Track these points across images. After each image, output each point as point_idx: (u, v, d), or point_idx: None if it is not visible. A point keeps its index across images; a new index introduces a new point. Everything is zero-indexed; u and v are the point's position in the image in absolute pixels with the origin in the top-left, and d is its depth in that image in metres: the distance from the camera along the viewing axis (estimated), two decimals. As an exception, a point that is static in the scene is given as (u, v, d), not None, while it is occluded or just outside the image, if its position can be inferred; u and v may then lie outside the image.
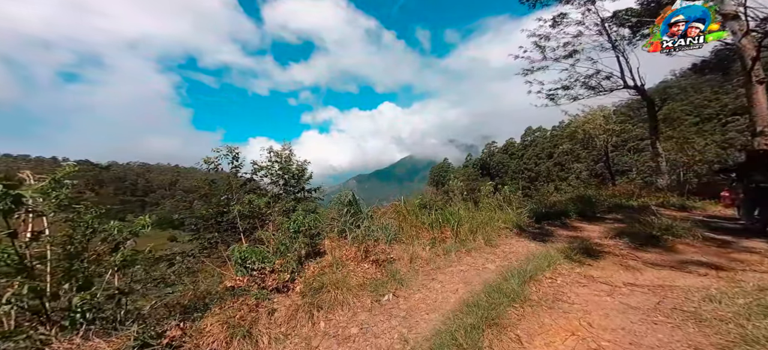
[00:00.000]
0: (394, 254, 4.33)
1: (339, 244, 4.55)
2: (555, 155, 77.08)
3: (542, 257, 4.06)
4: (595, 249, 4.37)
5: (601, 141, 23.48)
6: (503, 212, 6.47)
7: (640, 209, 6.77)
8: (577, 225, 5.88)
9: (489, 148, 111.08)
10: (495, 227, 5.56)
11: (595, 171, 46.46)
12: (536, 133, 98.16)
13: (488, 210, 6.53)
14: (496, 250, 4.69)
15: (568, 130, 25.94)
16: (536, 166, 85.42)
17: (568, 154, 63.74)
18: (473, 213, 5.97)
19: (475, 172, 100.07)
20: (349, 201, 5.16)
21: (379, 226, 4.81)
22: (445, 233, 4.98)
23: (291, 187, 5.61)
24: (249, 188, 5.70)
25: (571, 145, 39.20)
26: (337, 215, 5.14)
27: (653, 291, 3.12)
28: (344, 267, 3.88)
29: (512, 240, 5.21)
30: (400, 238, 4.77)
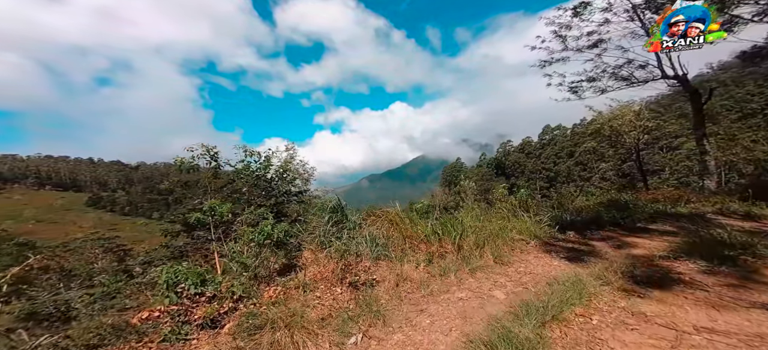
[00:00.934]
0: (379, 274, 3.49)
1: (317, 259, 3.78)
2: (576, 154, 72.84)
3: (570, 283, 3.09)
4: (644, 272, 3.33)
5: (631, 138, 21.37)
6: (518, 220, 5.45)
7: (694, 217, 5.51)
8: (613, 238, 4.77)
9: (504, 147, 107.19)
10: (508, 238, 4.58)
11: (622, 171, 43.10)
12: (555, 131, 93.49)
13: (500, 217, 5.54)
14: (509, 270, 3.73)
15: (593, 126, 23.92)
16: (555, 166, 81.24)
17: (591, 153, 59.88)
18: (482, 221, 5.02)
19: (489, 172, 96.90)
20: (333, 207, 4.39)
21: (366, 238, 4.00)
22: (445, 246, 4.09)
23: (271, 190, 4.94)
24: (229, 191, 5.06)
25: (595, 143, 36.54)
26: (320, 223, 4.38)
27: (747, 343, 2.11)
28: (313, 290, 3.10)
29: (529, 256, 4.21)
30: (390, 253, 3.93)
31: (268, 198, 4.78)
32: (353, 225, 4.27)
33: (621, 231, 5.12)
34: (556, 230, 5.32)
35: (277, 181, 5.18)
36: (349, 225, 4.19)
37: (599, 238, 4.83)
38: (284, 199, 5.20)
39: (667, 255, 3.75)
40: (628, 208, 6.02)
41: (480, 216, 5.30)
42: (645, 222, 5.46)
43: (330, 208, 4.32)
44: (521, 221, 5.41)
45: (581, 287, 2.99)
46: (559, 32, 13.40)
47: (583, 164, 68.40)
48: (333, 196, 4.53)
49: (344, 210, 4.46)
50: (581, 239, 4.83)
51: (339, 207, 4.44)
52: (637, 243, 4.39)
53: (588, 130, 51.03)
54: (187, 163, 4.63)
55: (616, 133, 21.18)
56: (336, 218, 4.28)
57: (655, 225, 5.30)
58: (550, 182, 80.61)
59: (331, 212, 4.30)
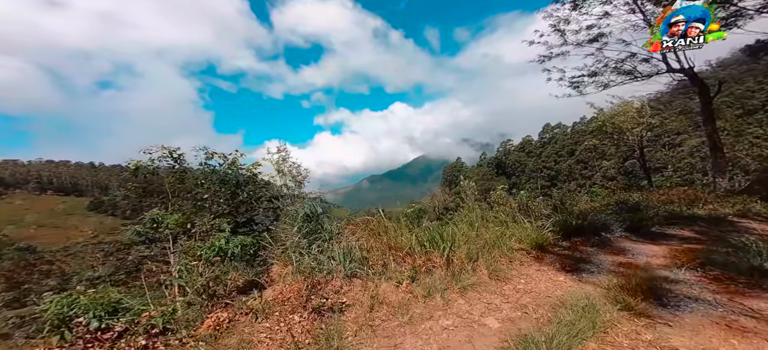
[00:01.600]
0: (351, 295, 2.94)
1: (284, 275, 3.24)
2: (577, 152, 72.12)
3: (580, 307, 2.53)
4: (666, 288, 2.77)
5: (634, 135, 20.80)
6: (518, 226, 4.89)
7: (715, 221, 4.94)
8: (625, 246, 4.20)
9: (504, 146, 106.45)
10: (506, 248, 4.02)
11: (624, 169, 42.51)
12: (555, 129, 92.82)
13: (498, 223, 4.98)
14: (506, 288, 3.17)
15: (594, 124, 23.39)
16: (556, 165, 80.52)
17: (593, 151, 59.25)
18: (477, 228, 4.46)
19: (490, 172, 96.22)
20: (306, 215, 3.84)
21: (341, 251, 3.45)
22: (433, 260, 3.53)
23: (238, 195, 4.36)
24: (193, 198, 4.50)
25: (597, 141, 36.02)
26: (293, 233, 3.83)
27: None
28: (266, 317, 2.55)
29: (530, 269, 3.65)
30: (367, 269, 3.37)
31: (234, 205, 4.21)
32: (329, 236, 3.72)
33: (634, 237, 4.55)
34: (560, 237, 4.76)
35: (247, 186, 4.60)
36: (323, 236, 3.64)
37: (610, 246, 4.26)
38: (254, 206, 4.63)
39: (694, 268, 3.19)
40: (639, 210, 5.45)
41: (476, 222, 4.74)
42: (661, 227, 4.89)
43: (301, 217, 3.77)
44: (521, 227, 4.85)
45: (594, 313, 2.43)
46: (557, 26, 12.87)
47: (584, 162, 67.68)
48: (309, 203, 3.98)
49: (320, 218, 3.91)
50: (589, 247, 4.26)
51: (314, 215, 3.89)
52: (656, 252, 3.83)
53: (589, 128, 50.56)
54: (144, 167, 4.10)
55: (618, 130, 20.62)
56: (308, 228, 3.73)
57: (672, 229, 4.73)
58: (551, 181, 79.95)
59: (303, 221, 3.75)
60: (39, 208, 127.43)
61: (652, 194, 7.58)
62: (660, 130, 40.12)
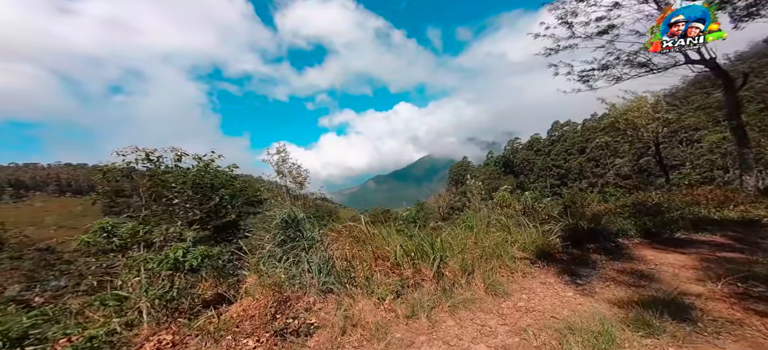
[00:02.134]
0: (323, 315, 2.57)
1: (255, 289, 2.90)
2: (588, 150, 69.98)
3: (592, 331, 2.10)
4: (700, 309, 2.30)
5: (649, 131, 19.82)
6: (522, 231, 4.43)
7: (748, 225, 4.36)
8: (645, 255, 3.69)
9: (512, 144, 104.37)
10: (507, 257, 3.58)
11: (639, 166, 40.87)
12: (565, 127, 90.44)
13: (500, 227, 4.53)
14: (504, 305, 2.74)
15: (606, 120, 22.46)
16: (566, 163, 78.40)
17: (604, 148, 57.35)
18: (477, 234, 4.04)
19: (497, 170, 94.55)
20: (283, 221, 3.49)
21: (319, 261, 3.09)
22: (422, 272, 3.12)
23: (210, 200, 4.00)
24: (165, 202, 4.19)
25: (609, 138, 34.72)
26: (268, 241, 3.50)
27: None
28: (217, 342, 2.21)
29: (534, 282, 3.20)
30: (345, 282, 2.99)
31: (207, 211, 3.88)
32: (309, 244, 3.36)
33: (656, 244, 4.02)
34: (569, 244, 4.28)
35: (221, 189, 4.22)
36: (301, 245, 3.29)
37: (628, 255, 3.76)
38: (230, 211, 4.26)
39: (722, 280, 2.69)
40: (660, 213, 4.89)
41: (475, 226, 4.31)
42: (686, 232, 4.33)
43: (277, 223, 3.42)
44: (526, 232, 4.38)
45: (609, 342, 1.99)
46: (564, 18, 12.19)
47: (596, 160, 65.56)
48: (288, 208, 3.63)
49: (300, 225, 3.56)
50: (603, 256, 3.77)
51: (293, 221, 3.54)
52: (683, 262, 3.31)
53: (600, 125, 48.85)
54: (117, 169, 3.84)
55: (632, 126, 19.68)
56: (285, 235, 3.39)
57: (700, 235, 4.17)
58: (560, 180, 77.99)
59: (280, 228, 3.40)
60: (58, 210, 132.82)
61: (674, 194, 6.88)
62: (676, 126, 38.51)
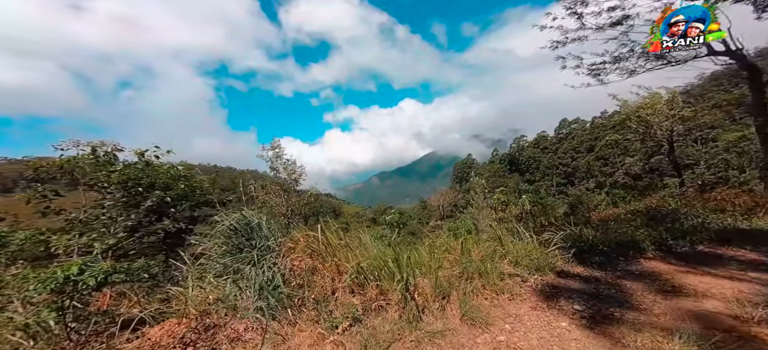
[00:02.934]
0: (250, 348, 2.09)
1: (182, 309, 2.45)
2: (597, 148, 68.00)
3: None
4: None
5: (662, 130, 18.77)
6: (516, 241, 3.87)
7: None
8: (663, 273, 3.09)
9: (518, 142, 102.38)
10: (495, 273, 3.05)
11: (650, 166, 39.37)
12: (573, 124, 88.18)
13: (491, 237, 3.99)
14: (480, 340, 2.21)
15: (617, 117, 21.43)
16: (573, 161, 76.53)
17: (614, 147, 55.55)
18: (463, 245, 3.51)
19: (502, 168, 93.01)
20: (232, 227, 3.01)
21: (265, 276, 2.61)
22: (387, 295, 2.61)
23: (143, 202, 3.43)
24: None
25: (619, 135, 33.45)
26: (211, 248, 3.02)
27: None
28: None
29: (523, 307, 2.66)
30: (299, 302, 2.51)
31: (139, 216, 3.36)
32: (261, 256, 2.88)
33: (673, 260, 3.43)
34: (571, 257, 3.71)
35: (158, 191, 3.65)
36: (249, 258, 2.80)
37: (641, 274, 3.18)
38: (173, 216, 3.73)
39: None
40: (678, 220, 4.27)
41: (464, 234, 3.78)
42: (711, 244, 3.71)
43: (222, 231, 2.94)
44: (521, 243, 3.83)
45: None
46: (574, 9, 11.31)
47: (605, 159, 63.67)
48: (239, 214, 3.14)
49: (254, 232, 3.08)
50: (610, 275, 3.21)
51: (245, 228, 3.07)
52: (713, 285, 2.71)
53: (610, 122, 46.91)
54: (55, 165, 3.41)
55: (644, 123, 18.69)
56: (230, 245, 2.91)
57: (727, 249, 3.55)
58: (567, 178, 76.30)
59: (225, 237, 2.93)
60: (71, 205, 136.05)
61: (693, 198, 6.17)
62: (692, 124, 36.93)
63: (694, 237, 3.82)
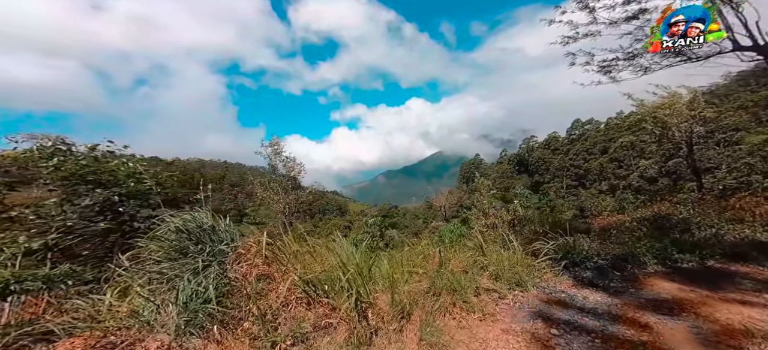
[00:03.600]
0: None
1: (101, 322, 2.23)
2: (611, 150, 65.49)
3: None
4: None
5: (681, 131, 17.69)
6: (500, 251, 3.51)
7: None
8: (663, 293, 2.68)
9: (527, 142, 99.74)
10: (470, 289, 2.72)
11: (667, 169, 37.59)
12: (586, 125, 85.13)
13: (473, 247, 3.64)
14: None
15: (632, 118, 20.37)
16: (586, 163, 74.00)
17: (629, 149, 53.36)
18: (442, 255, 3.18)
19: (510, 169, 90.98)
20: (181, 229, 2.78)
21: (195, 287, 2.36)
22: (339, 311, 2.32)
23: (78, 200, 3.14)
24: None
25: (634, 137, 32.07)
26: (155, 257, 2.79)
27: None
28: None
29: (493, 329, 2.32)
30: (238, 316, 2.26)
31: (76, 216, 3.11)
32: (209, 262, 2.64)
33: (678, 277, 2.99)
34: (561, 269, 3.33)
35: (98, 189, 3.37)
36: (191, 265, 2.56)
37: (635, 292, 2.78)
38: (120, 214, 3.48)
39: None
40: (689, 231, 3.81)
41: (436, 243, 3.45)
42: (724, 260, 3.25)
43: (167, 234, 2.71)
44: (508, 253, 3.46)
45: None
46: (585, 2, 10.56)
47: (619, 161, 61.24)
48: (189, 215, 2.91)
49: (207, 235, 2.84)
50: (602, 294, 2.81)
51: (196, 231, 2.83)
52: (714, 309, 2.30)
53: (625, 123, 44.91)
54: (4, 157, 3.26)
55: (661, 124, 17.64)
56: (176, 248, 2.68)
57: (741, 266, 3.09)
58: (578, 180, 73.96)
59: (171, 241, 2.69)
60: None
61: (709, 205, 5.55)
62: (714, 126, 34.97)
63: (705, 251, 3.35)
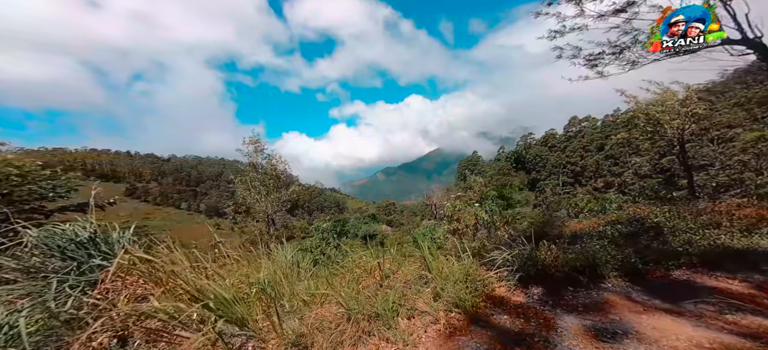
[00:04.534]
0: None
1: None
2: (607, 147, 65.46)
3: None
4: None
5: (673, 128, 17.39)
6: (450, 260, 3.15)
7: None
8: (614, 308, 2.32)
9: (525, 140, 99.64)
10: (405, 309, 2.36)
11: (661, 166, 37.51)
12: (583, 123, 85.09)
13: (416, 258, 3.28)
14: None
15: (625, 115, 20.09)
16: (582, 160, 73.99)
17: (625, 146, 53.29)
18: (385, 266, 2.82)
19: (507, 166, 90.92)
20: (63, 244, 2.38)
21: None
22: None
23: None
24: None
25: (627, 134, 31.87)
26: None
27: None
28: None
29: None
30: None
31: None
32: (79, 281, 2.25)
33: (637, 290, 2.64)
34: (515, 282, 2.98)
35: None
36: (37, 289, 2.15)
37: (584, 309, 2.43)
38: None
39: None
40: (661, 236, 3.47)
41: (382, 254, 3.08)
42: (692, 269, 2.90)
43: (61, 246, 2.32)
44: (460, 264, 3.10)
45: None
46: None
47: (614, 158, 61.20)
48: (79, 223, 2.52)
49: (96, 247, 2.46)
50: (550, 311, 2.46)
51: (87, 242, 2.44)
52: (664, 333, 1.94)
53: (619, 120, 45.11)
54: None
55: (653, 121, 17.35)
56: (33, 264, 2.28)
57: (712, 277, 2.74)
58: (574, 177, 74.05)
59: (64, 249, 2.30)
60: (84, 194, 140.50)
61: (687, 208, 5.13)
62: (708, 123, 34.76)
63: (671, 261, 3.00)
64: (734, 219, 4.05)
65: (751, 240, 3.43)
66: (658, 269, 2.98)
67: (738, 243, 3.41)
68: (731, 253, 3.16)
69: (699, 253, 3.05)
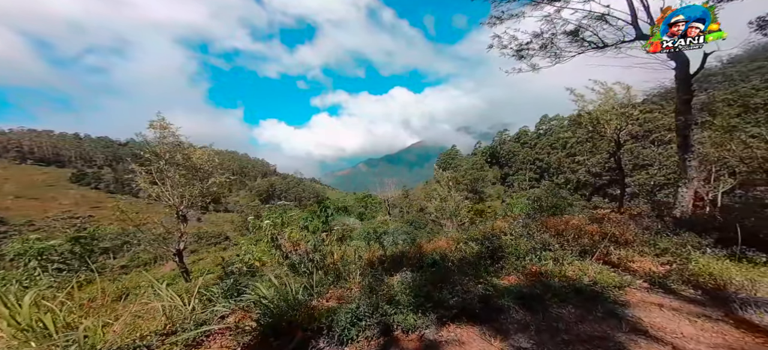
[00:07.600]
0: None
1: None
2: (569, 145, 69.24)
3: None
4: None
5: (611, 128, 17.91)
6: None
7: (590, 298, 2.27)
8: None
9: (501, 135, 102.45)
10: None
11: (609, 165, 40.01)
12: (552, 121, 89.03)
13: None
14: None
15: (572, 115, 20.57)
16: (548, 157, 77.81)
17: (582, 144, 56.50)
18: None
19: (482, 161, 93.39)
20: None
21: None
22: None
23: None
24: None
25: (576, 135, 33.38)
26: None
27: None
28: None
29: None
30: None
31: None
32: None
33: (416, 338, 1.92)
34: (264, 337, 2.17)
35: None
36: None
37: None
38: None
39: None
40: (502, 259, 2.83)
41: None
42: (463, 320, 2.20)
43: None
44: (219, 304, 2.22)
45: None
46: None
47: (573, 155, 64.95)
48: None
49: None
50: None
51: None
52: None
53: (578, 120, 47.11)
54: None
55: (594, 121, 17.76)
56: None
57: (473, 322, 2.06)
58: (540, 173, 77.88)
59: None
60: (18, 178, 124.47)
61: (542, 222, 4.67)
62: (651, 125, 37.39)
63: (445, 310, 2.23)
64: (572, 234, 3.45)
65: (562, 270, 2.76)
66: (427, 321, 2.15)
67: (559, 271, 2.75)
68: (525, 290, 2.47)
69: (496, 289, 2.37)
